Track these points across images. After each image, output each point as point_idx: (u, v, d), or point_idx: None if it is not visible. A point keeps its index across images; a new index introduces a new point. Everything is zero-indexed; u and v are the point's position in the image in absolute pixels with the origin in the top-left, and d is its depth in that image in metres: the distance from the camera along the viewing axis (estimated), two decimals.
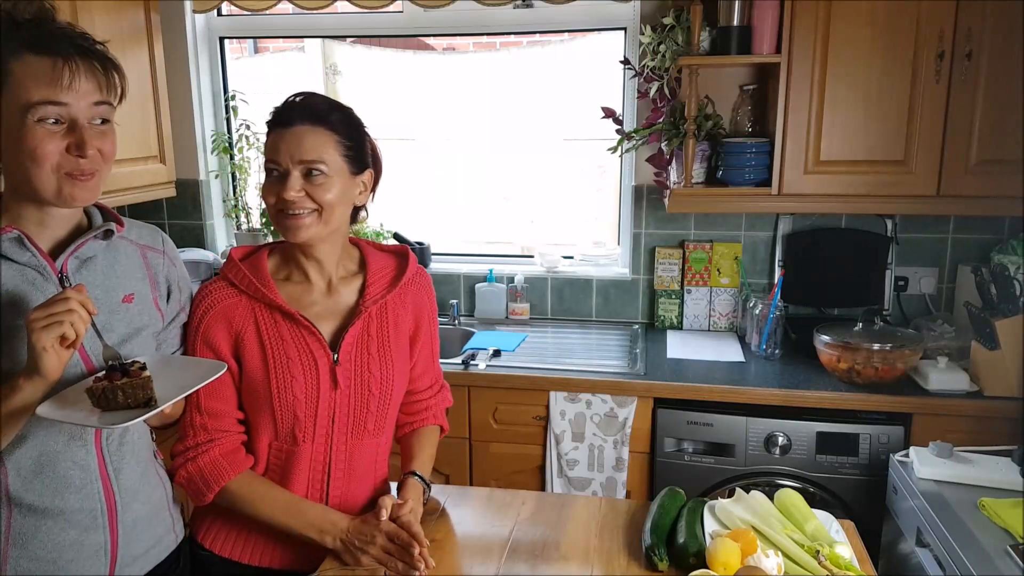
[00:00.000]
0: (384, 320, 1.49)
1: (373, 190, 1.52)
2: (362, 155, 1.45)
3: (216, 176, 3.17)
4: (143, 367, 1.20)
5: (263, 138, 1.46)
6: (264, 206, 1.48)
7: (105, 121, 1.18)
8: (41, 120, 1.10)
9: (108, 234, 1.27)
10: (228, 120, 3.16)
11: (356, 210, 1.50)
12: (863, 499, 2.20)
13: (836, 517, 1.48)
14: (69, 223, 1.25)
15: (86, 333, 1.11)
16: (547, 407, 2.39)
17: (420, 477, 1.51)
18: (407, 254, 1.57)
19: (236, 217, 3.14)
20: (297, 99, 1.40)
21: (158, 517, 1.39)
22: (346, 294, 1.49)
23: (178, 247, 3.34)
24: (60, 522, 1.22)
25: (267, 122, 1.41)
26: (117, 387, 1.15)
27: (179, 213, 3.15)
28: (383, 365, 1.47)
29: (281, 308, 1.41)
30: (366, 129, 1.49)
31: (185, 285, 1.44)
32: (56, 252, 1.22)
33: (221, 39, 3.14)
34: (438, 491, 1.63)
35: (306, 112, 1.37)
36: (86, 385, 1.17)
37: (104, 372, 1.18)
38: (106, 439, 1.27)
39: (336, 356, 1.43)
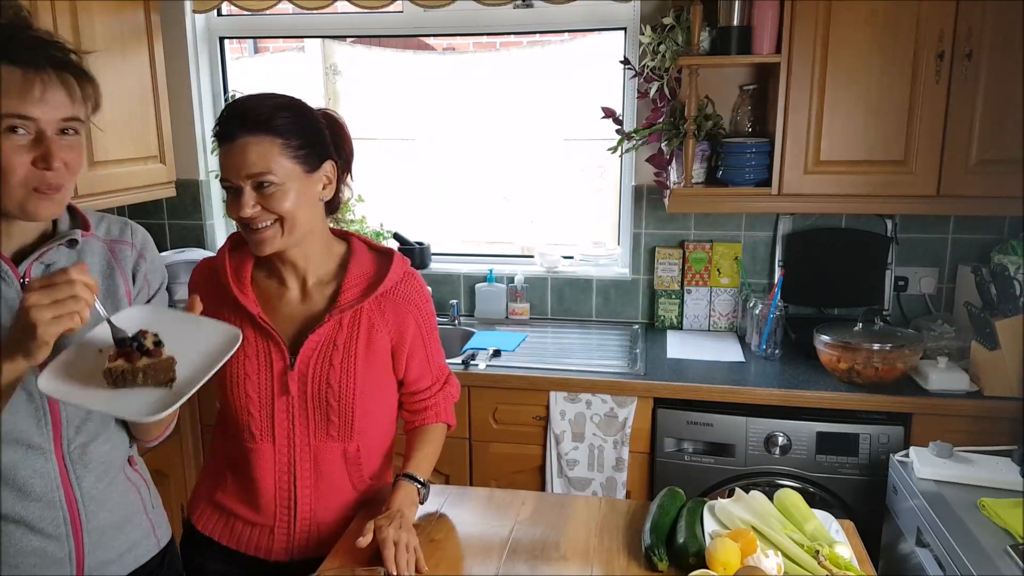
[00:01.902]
0: (355, 330, 1.43)
1: (347, 174, 1.47)
2: (317, 149, 1.37)
3: (216, 176, 3.16)
4: (158, 341, 1.13)
5: None
6: None
7: (74, 133, 1.12)
8: (9, 131, 1.05)
9: (73, 243, 1.23)
10: None
11: (329, 203, 1.45)
12: (863, 499, 2.20)
13: (836, 517, 1.48)
14: (35, 230, 1.20)
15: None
16: (547, 407, 2.39)
17: (413, 478, 1.49)
18: (391, 257, 1.50)
19: None
20: (236, 108, 1.34)
21: (132, 523, 1.35)
22: (318, 299, 1.45)
23: (178, 247, 3.35)
24: (22, 528, 1.19)
25: (212, 136, 1.37)
26: (138, 369, 1.09)
27: (179, 213, 3.15)
28: (344, 378, 1.42)
29: (244, 308, 1.41)
30: (318, 118, 1.40)
31: (156, 277, 1.38)
32: (19, 258, 1.18)
33: (221, 39, 3.14)
34: (438, 491, 1.63)
35: (247, 122, 1.30)
36: (89, 363, 1.12)
37: (118, 350, 1.11)
38: (68, 447, 1.22)
39: (293, 362, 1.41)
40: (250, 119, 1.31)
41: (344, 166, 1.47)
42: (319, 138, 1.39)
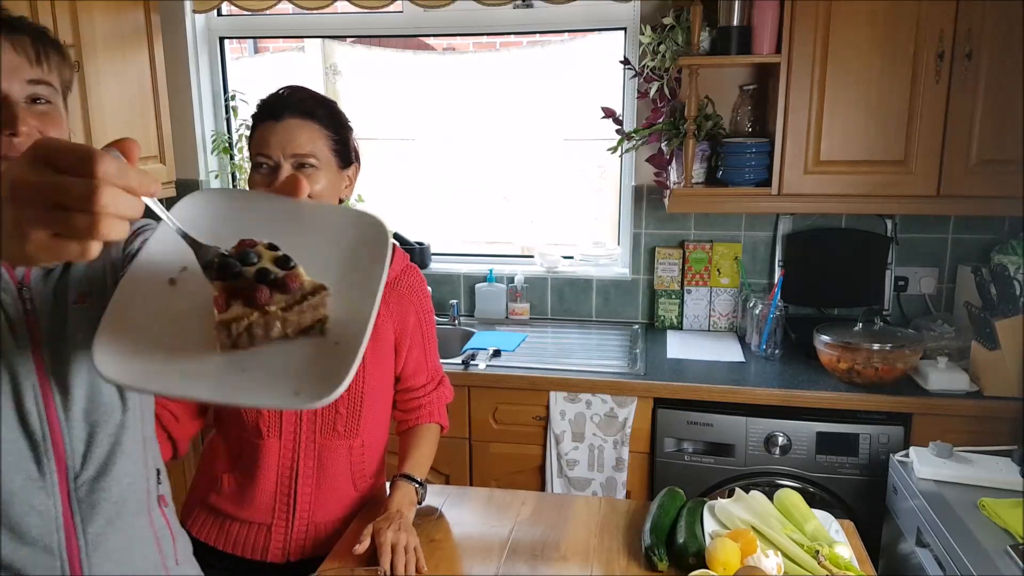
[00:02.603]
0: None
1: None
2: (347, 150, 1.46)
3: (216, 176, 3.17)
4: (283, 257, 0.71)
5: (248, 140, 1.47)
6: None
7: (46, 102, 0.96)
8: None
9: None
10: (228, 120, 3.16)
11: (339, 203, 1.50)
12: (863, 499, 2.20)
13: (836, 517, 1.48)
14: None
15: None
16: (547, 407, 2.39)
17: (411, 478, 1.50)
18: (393, 252, 1.56)
19: None
20: (286, 92, 1.41)
21: None
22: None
23: None
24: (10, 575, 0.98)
25: (254, 115, 1.41)
26: (276, 315, 0.68)
27: None
28: None
29: None
30: (350, 124, 1.49)
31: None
32: None
33: (221, 39, 3.14)
34: (438, 491, 1.63)
35: (296, 106, 1.38)
36: (164, 314, 0.72)
37: (222, 282, 0.69)
38: (74, 478, 1.00)
39: None
40: (300, 103, 1.39)
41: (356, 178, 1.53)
42: (350, 139, 1.47)
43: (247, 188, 3.15)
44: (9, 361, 0.95)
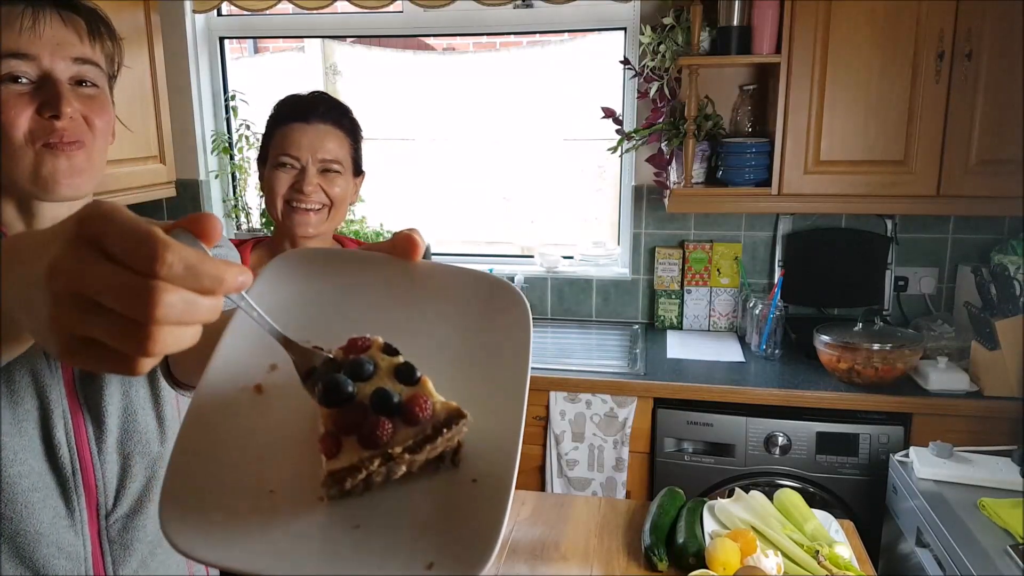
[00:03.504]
0: None
1: None
2: (360, 159, 1.51)
3: (216, 176, 3.17)
4: (403, 366, 0.52)
5: (263, 138, 1.47)
6: (265, 197, 1.47)
7: (92, 85, 0.89)
8: (9, 81, 0.82)
9: None
10: (228, 120, 3.16)
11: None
12: (863, 499, 2.20)
13: (836, 517, 1.48)
14: None
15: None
16: (547, 407, 2.39)
17: None
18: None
19: (236, 217, 3.14)
20: (314, 97, 1.44)
21: None
22: None
23: None
24: None
25: (279, 115, 1.43)
26: (401, 456, 0.49)
27: (179, 213, 3.14)
28: None
29: None
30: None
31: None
32: None
33: (221, 39, 3.14)
34: None
35: (326, 112, 1.43)
36: (285, 448, 0.53)
37: (330, 408, 0.50)
38: (105, 516, 0.90)
39: None
40: (328, 110, 1.43)
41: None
42: (361, 150, 1.52)
43: (246, 190, 3.13)
44: (39, 385, 0.84)
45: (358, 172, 1.51)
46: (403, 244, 0.59)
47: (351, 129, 1.48)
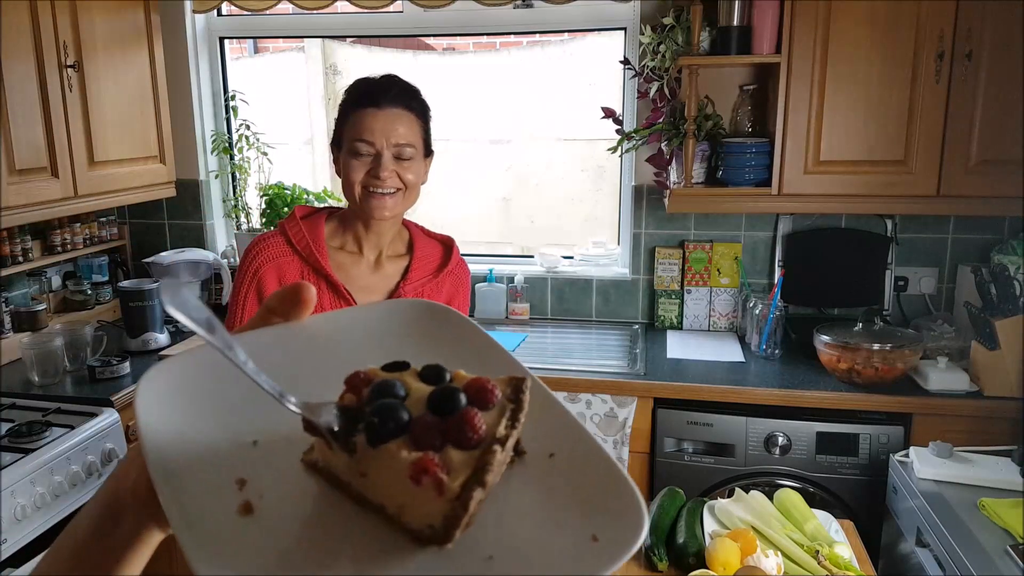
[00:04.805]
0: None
1: None
2: (430, 139, 1.52)
3: (216, 176, 3.17)
4: (438, 370, 0.45)
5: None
6: (342, 181, 1.48)
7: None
8: None
9: None
10: (228, 120, 3.16)
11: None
12: (863, 499, 2.20)
13: (836, 517, 1.48)
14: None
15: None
16: None
17: None
18: (451, 245, 1.65)
19: (236, 217, 3.14)
20: (385, 80, 1.45)
21: None
22: (391, 272, 1.55)
23: (178, 247, 3.35)
24: None
25: (351, 99, 1.43)
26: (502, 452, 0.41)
27: (179, 213, 3.15)
28: None
29: (328, 277, 1.46)
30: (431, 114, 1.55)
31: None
32: None
33: (221, 39, 3.14)
34: None
35: (398, 95, 1.43)
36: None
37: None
38: None
39: None
40: (400, 93, 1.44)
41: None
42: (431, 131, 1.53)
43: (246, 190, 3.12)
44: None
45: (428, 152, 1.53)
46: (291, 298, 0.49)
47: (421, 111, 1.48)
